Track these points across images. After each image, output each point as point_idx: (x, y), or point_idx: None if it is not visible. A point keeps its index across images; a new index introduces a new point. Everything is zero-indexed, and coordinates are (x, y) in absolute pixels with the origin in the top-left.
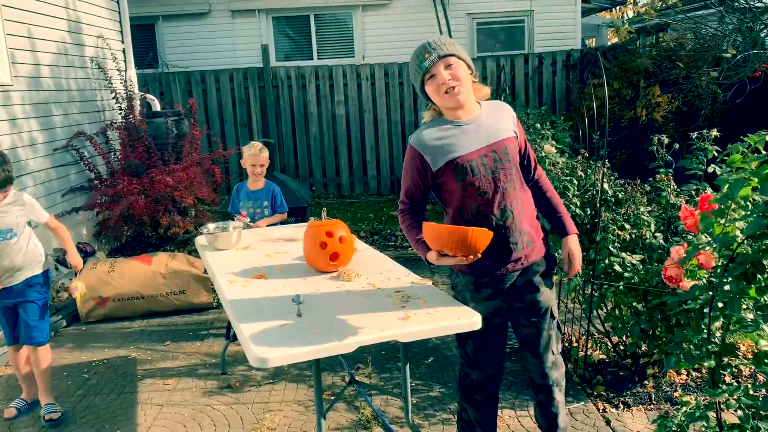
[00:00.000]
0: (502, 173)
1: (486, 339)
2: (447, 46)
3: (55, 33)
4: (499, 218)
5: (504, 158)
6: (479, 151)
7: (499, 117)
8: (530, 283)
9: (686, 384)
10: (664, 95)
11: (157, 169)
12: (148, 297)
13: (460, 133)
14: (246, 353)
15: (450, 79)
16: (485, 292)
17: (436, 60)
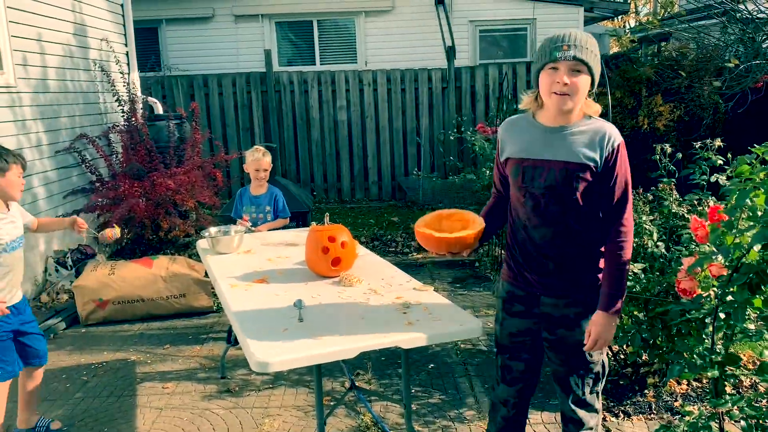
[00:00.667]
0: (551, 195)
1: (511, 357)
2: (588, 51)
3: (60, 35)
4: (531, 236)
5: (559, 181)
6: (542, 161)
7: (588, 139)
8: (566, 317)
9: (687, 394)
10: (666, 104)
11: (159, 172)
12: (149, 300)
13: (537, 135)
14: (247, 357)
15: (566, 85)
16: (517, 307)
17: (569, 58)
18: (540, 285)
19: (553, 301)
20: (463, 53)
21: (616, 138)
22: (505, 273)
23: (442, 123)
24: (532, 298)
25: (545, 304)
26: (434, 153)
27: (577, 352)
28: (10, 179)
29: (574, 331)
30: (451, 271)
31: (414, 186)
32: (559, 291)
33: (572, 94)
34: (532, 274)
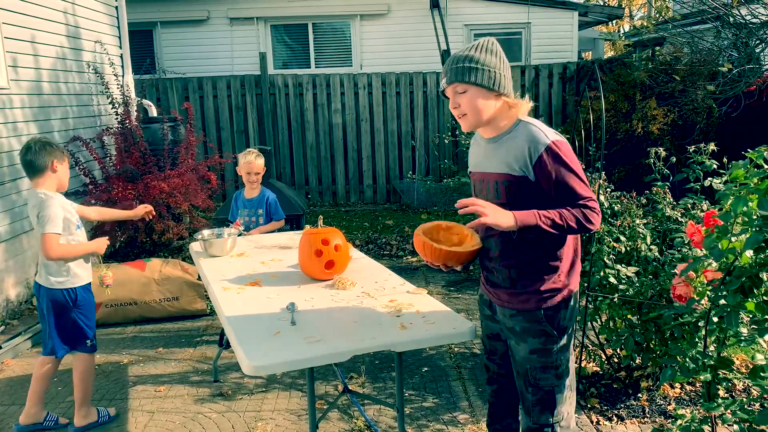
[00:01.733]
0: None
1: (489, 357)
2: (460, 70)
3: (53, 37)
4: (486, 245)
5: (494, 193)
6: (483, 174)
7: (517, 147)
8: (514, 330)
9: (680, 398)
10: (660, 108)
11: (153, 175)
12: (142, 303)
13: (481, 148)
14: (239, 361)
15: (456, 107)
16: (486, 311)
17: (445, 85)
18: (493, 293)
19: (503, 311)
20: None
21: (542, 141)
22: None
23: (437, 126)
24: (491, 305)
25: (499, 313)
26: (429, 156)
27: (523, 372)
28: (65, 168)
29: (519, 345)
30: (446, 274)
31: (408, 189)
32: (505, 302)
33: (466, 113)
34: (488, 282)
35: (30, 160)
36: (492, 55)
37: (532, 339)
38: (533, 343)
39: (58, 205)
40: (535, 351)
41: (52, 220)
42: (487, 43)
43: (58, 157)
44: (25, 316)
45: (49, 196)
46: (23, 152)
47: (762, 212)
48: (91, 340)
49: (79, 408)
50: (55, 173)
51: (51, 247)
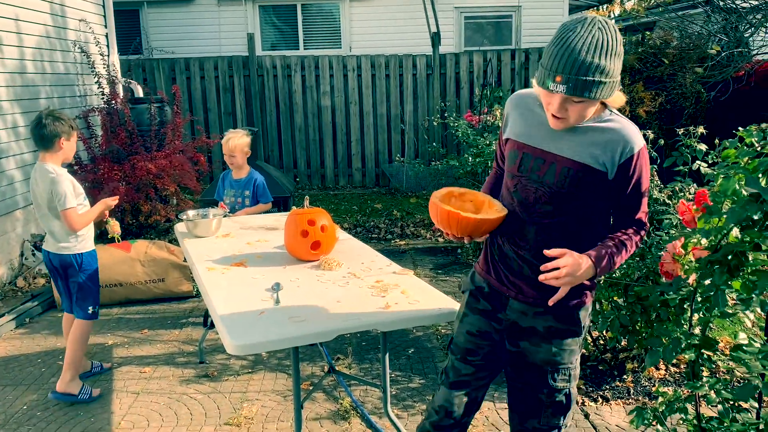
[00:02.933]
0: (545, 192)
1: (462, 358)
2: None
3: (37, 15)
4: (515, 234)
5: (557, 178)
6: (544, 153)
7: (603, 140)
8: (533, 330)
9: (665, 379)
10: (648, 92)
11: (139, 156)
12: (127, 285)
13: (545, 123)
14: (222, 340)
15: (559, 112)
16: (483, 304)
17: (562, 91)
18: (512, 285)
19: (521, 308)
20: (448, 40)
21: (637, 142)
22: (479, 264)
23: (427, 109)
24: (501, 299)
25: (512, 309)
26: (418, 139)
27: (539, 375)
28: (73, 143)
29: (539, 347)
30: (434, 257)
31: (397, 173)
32: (530, 298)
33: (568, 119)
34: (506, 271)
35: (41, 134)
36: (618, 59)
37: (558, 340)
38: (558, 344)
39: (68, 180)
40: (559, 353)
41: (67, 197)
42: (613, 41)
43: (66, 133)
44: (9, 297)
45: (58, 173)
46: (34, 125)
47: (749, 189)
48: (92, 307)
49: (65, 372)
50: (62, 150)
51: (74, 220)
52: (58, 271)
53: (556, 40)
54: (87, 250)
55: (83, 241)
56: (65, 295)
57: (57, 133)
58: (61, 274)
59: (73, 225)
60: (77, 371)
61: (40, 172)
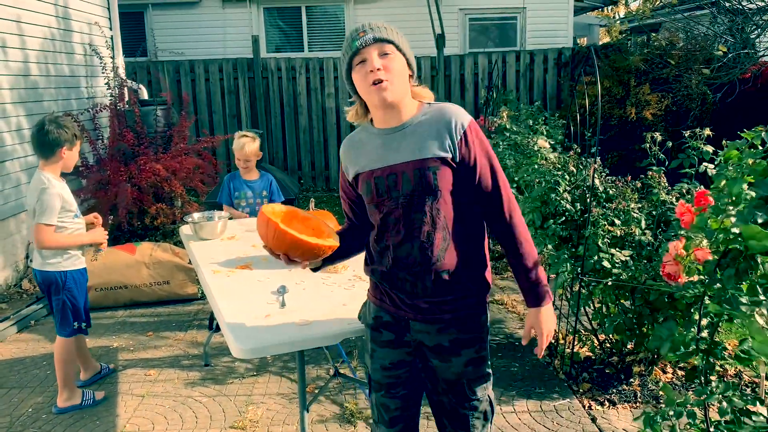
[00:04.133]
0: (415, 200)
1: (386, 393)
2: (387, 30)
3: (43, 18)
4: (401, 254)
5: (418, 184)
6: (391, 167)
7: (434, 129)
8: (440, 347)
9: (672, 382)
10: (654, 94)
11: (146, 157)
12: (132, 287)
13: (378, 143)
14: (228, 344)
15: (380, 70)
16: (386, 335)
17: (370, 42)
18: (409, 308)
19: (423, 327)
20: (452, 42)
21: (464, 118)
22: (371, 294)
23: None
24: (401, 323)
25: (415, 330)
26: None
27: (456, 388)
28: (75, 152)
29: (450, 362)
30: None
31: None
32: (428, 315)
33: (390, 79)
34: (402, 295)
35: (41, 141)
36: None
37: (467, 350)
38: (468, 353)
39: (57, 195)
40: (471, 362)
41: (47, 211)
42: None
43: (69, 142)
44: (14, 299)
45: (51, 184)
46: (36, 131)
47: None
48: (78, 323)
49: (61, 390)
50: (62, 159)
51: (43, 237)
52: (43, 288)
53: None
54: (76, 267)
55: (71, 258)
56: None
57: (59, 142)
58: (44, 291)
59: (40, 241)
60: (72, 385)
61: (34, 180)
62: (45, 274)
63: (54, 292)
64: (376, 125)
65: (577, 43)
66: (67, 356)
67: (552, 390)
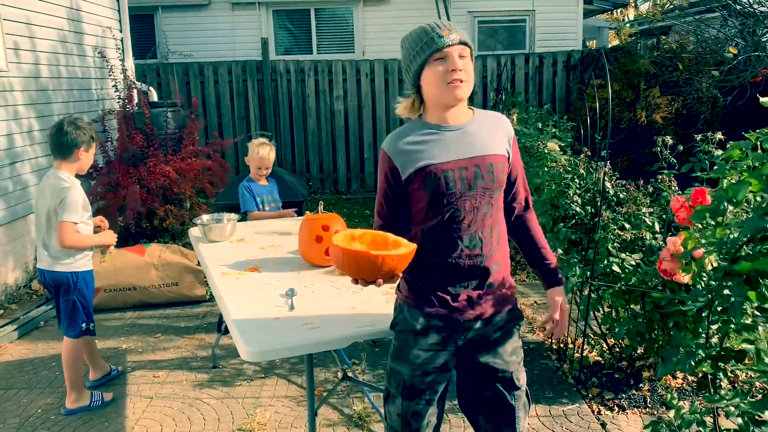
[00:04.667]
0: (481, 193)
1: (421, 400)
2: (465, 34)
3: (54, 20)
4: (467, 245)
5: (488, 176)
6: (459, 161)
7: (494, 131)
8: (486, 339)
9: (682, 388)
10: (664, 97)
11: (156, 159)
12: (141, 288)
13: (440, 139)
14: (237, 347)
15: (462, 71)
16: (434, 337)
17: (455, 42)
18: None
19: (472, 324)
20: None
21: (510, 125)
22: (411, 298)
23: None
24: (451, 325)
25: (464, 328)
26: None
27: (504, 379)
28: (91, 154)
29: (497, 353)
30: None
31: None
32: (478, 307)
33: (467, 81)
34: (452, 290)
35: (59, 142)
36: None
37: (511, 339)
38: (512, 343)
39: (80, 193)
40: (514, 351)
41: (72, 209)
42: None
43: (86, 143)
44: (23, 300)
45: (72, 184)
46: (54, 131)
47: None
48: (86, 324)
49: (70, 391)
50: (79, 160)
51: (66, 235)
52: (51, 289)
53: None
54: (86, 269)
55: (82, 259)
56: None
57: (76, 143)
58: (52, 292)
59: (64, 240)
60: (81, 387)
61: (52, 179)
62: (55, 274)
63: (63, 293)
64: (433, 122)
65: (587, 45)
66: (75, 357)
67: (561, 395)
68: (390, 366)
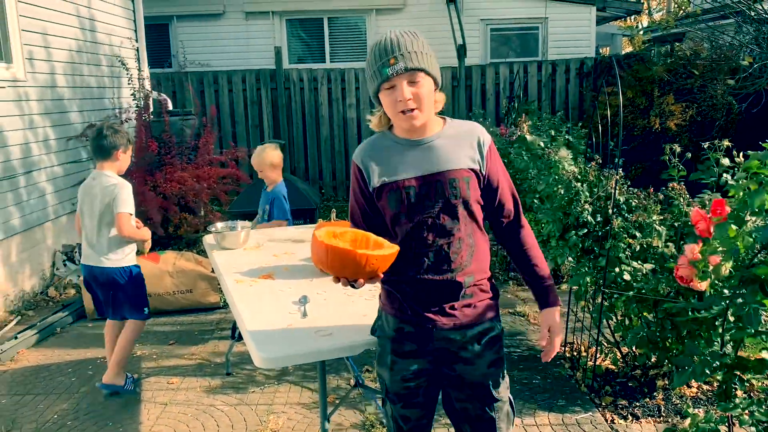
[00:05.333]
0: (444, 208)
1: (406, 404)
2: (418, 56)
3: (70, 30)
4: (432, 261)
5: (450, 191)
6: (420, 177)
7: (460, 143)
8: (462, 350)
9: (696, 397)
10: (678, 104)
11: (172, 167)
12: (155, 295)
13: (403, 153)
14: (250, 353)
15: (410, 99)
16: (409, 345)
17: (401, 71)
18: (434, 314)
19: (446, 334)
20: (474, 52)
21: (487, 136)
22: (387, 306)
23: None
24: (424, 333)
25: (438, 339)
26: None
27: (481, 390)
28: (128, 156)
29: (474, 364)
30: None
31: None
32: (453, 319)
33: (419, 104)
34: (426, 301)
35: (99, 145)
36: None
37: (489, 351)
38: (490, 355)
39: (130, 189)
40: (493, 363)
41: (126, 202)
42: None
43: (124, 146)
44: (40, 306)
45: (121, 181)
46: (95, 136)
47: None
48: (146, 308)
49: (112, 366)
50: (118, 160)
51: (125, 225)
52: (102, 284)
53: (372, 49)
54: (133, 263)
55: (130, 254)
56: (109, 306)
57: (115, 145)
58: (104, 287)
59: (122, 229)
60: (123, 367)
61: (100, 179)
62: (107, 271)
63: (118, 288)
64: (400, 134)
65: (600, 52)
66: (134, 338)
67: (574, 403)
68: (376, 370)
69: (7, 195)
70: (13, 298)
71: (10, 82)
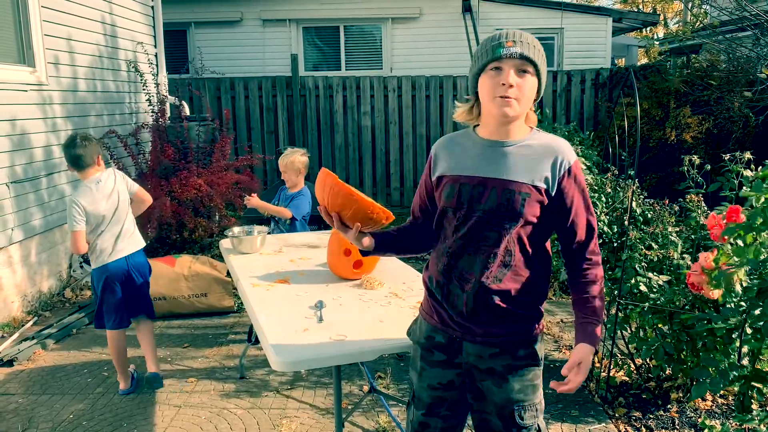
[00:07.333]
0: (489, 218)
1: (429, 413)
2: (535, 51)
3: (91, 36)
4: (463, 270)
5: (501, 202)
6: (478, 178)
7: (536, 157)
8: (492, 371)
9: (711, 410)
10: (695, 116)
11: (188, 172)
12: (170, 298)
13: (477, 150)
14: (267, 356)
15: (513, 87)
16: (438, 355)
17: (515, 55)
18: (458, 326)
19: (476, 350)
20: None
21: (570, 156)
22: (423, 308)
23: None
24: (454, 344)
25: (467, 353)
26: None
27: (504, 412)
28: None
29: (502, 387)
30: None
31: None
32: (480, 338)
33: (518, 98)
34: (452, 311)
35: (79, 155)
36: (545, 57)
37: (520, 377)
38: (520, 381)
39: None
40: (522, 390)
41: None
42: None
43: (99, 151)
44: (57, 308)
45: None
46: (69, 146)
47: None
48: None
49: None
50: (101, 164)
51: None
52: (138, 270)
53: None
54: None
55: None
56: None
57: (96, 150)
58: (138, 273)
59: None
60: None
61: (116, 174)
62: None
63: (146, 273)
64: (481, 134)
65: (615, 63)
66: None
67: (587, 414)
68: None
69: (29, 196)
70: (30, 299)
71: (33, 85)
